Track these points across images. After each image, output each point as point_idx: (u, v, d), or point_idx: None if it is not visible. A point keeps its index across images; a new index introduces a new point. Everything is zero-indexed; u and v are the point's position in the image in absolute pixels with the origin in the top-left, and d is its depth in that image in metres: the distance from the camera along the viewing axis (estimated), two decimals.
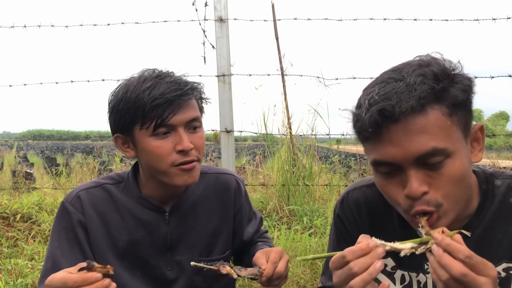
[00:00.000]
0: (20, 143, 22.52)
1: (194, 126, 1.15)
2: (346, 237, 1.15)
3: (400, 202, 0.89)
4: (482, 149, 0.93)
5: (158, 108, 1.07)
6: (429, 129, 0.82)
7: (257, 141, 4.95)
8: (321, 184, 3.86)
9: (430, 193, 0.85)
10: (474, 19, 3.21)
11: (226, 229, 1.32)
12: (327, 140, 4.20)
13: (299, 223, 3.26)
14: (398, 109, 0.80)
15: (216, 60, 3.00)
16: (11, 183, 5.49)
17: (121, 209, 1.21)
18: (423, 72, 0.83)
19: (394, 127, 0.83)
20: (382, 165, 0.88)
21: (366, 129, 0.84)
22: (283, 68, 3.59)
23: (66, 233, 1.18)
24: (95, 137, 16.87)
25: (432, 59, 0.87)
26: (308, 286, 2.48)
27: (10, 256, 2.81)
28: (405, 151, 0.83)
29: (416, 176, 0.85)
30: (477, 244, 0.98)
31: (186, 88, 1.11)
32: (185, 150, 1.10)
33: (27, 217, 3.32)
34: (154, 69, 1.17)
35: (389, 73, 0.88)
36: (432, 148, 0.82)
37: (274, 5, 3.50)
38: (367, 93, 0.87)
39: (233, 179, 1.36)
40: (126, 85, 1.13)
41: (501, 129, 50.66)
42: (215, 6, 2.98)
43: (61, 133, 65.94)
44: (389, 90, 0.83)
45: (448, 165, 0.84)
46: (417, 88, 0.81)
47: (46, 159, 11.73)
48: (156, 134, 1.10)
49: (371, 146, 0.89)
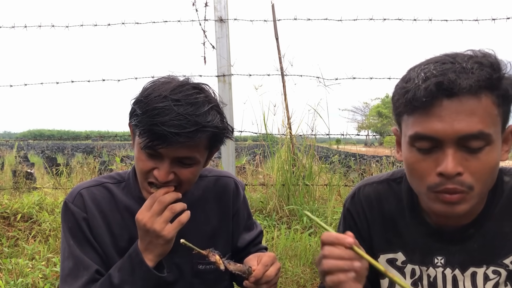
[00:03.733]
0: (21, 143, 22.52)
1: (184, 163, 1.10)
2: (355, 232, 1.15)
3: (429, 179, 0.89)
4: (509, 150, 0.95)
5: (152, 134, 1.03)
6: (479, 112, 0.84)
7: (257, 141, 4.96)
8: (321, 184, 3.87)
9: (464, 175, 0.86)
10: (474, 19, 3.22)
11: (225, 231, 1.32)
12: (327, 140, 4.21)
13: (299, 222, 3.27)
14: (457, 85, 0.82)
15: (216, 60, 3.01)
16: (11, 183, 5.50)
17: (122, 209, 1.21)
18: (480, 61, 0.85)
19: (447, 102, 0.84)
20: (422, 140, 0.88)
21: (419, 98, 0.84)
22: (283, 68, 3.60)
23: (73, 232, 1.18)
24: (95, 137, 16.90)
25: (487, 53, 0.89)
26: (308, 285, 2.48)
27: (10, 255, 2.82)
28: (452, 128, 0.84)
29: (454, 155, 0.85)
30: (485, 238, 1.00)
31: (191, 129, 1.02)
32: (159, 180, 1.09)
33: (27, 217, 3.32)
34: (191, 85, 1.09)
35: (441, 56, 0.89)
36: (479, 131, 0.84)
37: (274, 5, 3.51)
38: (420, 68, 0.87)
39: (232, 182, 1.35)
40: (154, 90, 1.07)
41: None
42: (215, 7, 2.98)
43: (62, 133, 65.98)
44: (447, 68, 0.84)
45: (486, 152, 0.86)
46: (475, 72, 0.83)
47: (47, 159, 11.74)
48: (145, 151, 1.09)
49: (416, 119, 0.88)
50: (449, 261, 1.03)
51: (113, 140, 24.73)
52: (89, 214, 1.18)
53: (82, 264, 1.15)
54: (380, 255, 1.12)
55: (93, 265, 1.15)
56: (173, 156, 1.07)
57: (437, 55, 0.91)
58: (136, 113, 1.07)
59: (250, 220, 1.42)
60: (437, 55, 0.92)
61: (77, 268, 1.15)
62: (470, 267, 1.01)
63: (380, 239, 1.12)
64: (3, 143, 16.23)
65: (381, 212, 1.12)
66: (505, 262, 0.99)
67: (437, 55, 0.92)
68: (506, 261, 0.99)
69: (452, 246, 1.02)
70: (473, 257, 1.01)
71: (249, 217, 1.41)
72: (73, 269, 1.15)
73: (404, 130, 0.93)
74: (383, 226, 1.12)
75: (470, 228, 1.00)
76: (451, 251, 1.02)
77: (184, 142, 1.03)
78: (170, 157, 1.07)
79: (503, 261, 0.99)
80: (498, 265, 0.99)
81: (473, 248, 1.00)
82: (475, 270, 1.01)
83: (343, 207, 1.21)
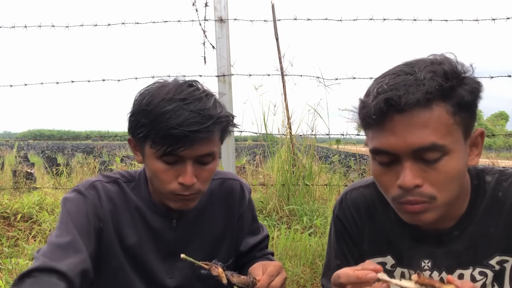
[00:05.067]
0: (21, 143, 22.52)
1: (205, 162, 1.09)
2: (346, 237, 1.16)
3: (392, 191, 0.91)
4: (479, 154, 0.94)
5: (171, 139, 1.00)
6: (431, 124, 0.83)
7: (257, 141, 4.96)
8: (321, 184, 3.87)
9: (424, 186, 0.87)
10: (474, 19, 3.21)
11: (230, 236, 1.29)
12: (327, 140, 4.21)
13: (299, 222, 3.27)
14: (404, 100, 0.82)
15: (216, 60, 3.01)
16: (11, 183, 5.50)
17: (132, 208, 1.19)
18: (434, 69, 0.85)
19: (398, 117, 0.84)
20: (380, 154, 0.90)
21: (370, 115, 0.86)
22: (283, 68, 3.59)
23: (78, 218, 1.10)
24: (95, 137, 16.89)
25: (445, 59, 0.89)
26: (308, 285, 2.48)
27: (10, 255, 2.82)
28: (404, 142, 0.84)
29: (411, 168, 0.86)
30: (470, 239, 1.00)
31: (209, 123, 1.02)
32: (186, 184, 1.06)
33: (27, 217, 3.32)
34: (191, 83, 1.08)
35: (401, 67, 0.89)
36: (431, 143, 0.84)
37: (274, 5, 3.50)
38: (377, 82, 0.88)
39: (238, 184, 1.31)
40: (153, 96, 1.05)
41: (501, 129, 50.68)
42: (215, 7, 2.98)
43: (62, 133, 65.97)
44: (399, 81, 0.84)
45: (444, 162, 0.86)
46: (426, 83, 0.83)
47: (47, 159, 11.73)
48: (163, 160, 1.06)
49: (373, 134, 0.90)
50: (436, 264, 1.03)
51: (113, 140, 24.72)
52: (102, 205, 1.15)
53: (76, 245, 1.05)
54: (370, 260, 1.12)
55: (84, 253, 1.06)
56: (195, 155, 1.05)
57: (399, 64, 0.91)
58: (142, 123, 1.04)
59: (255, 224, 1.38)
60: (402, 62, 0.92)
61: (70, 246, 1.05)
62: (456, 269, 1.01)
63: (369, 243, 1.12)
64: (3, 143, 16.23)
65: (369, 216, 1.12)
66: (491, 263, 0.99)
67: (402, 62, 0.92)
68: (492, 262, 0.98)
69: (438, 249, 1.02)
70: (459, 259, 1.01)
71: (254, 221, 1.38)
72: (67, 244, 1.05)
73: (368, 143, 0.94)
74: (371, 230, 1.12)
75: (455, 230, 1.00)
76: (437, 254, 1.02)
77: (204, 138, 1.03)
78: (192, 157, 1.05)
79: (489, 262, 0.99)
80: (484, 266, 0.99)
81: (459, 250, 1.00)
82: (461, 272, 1.00)
83: (332, 213, 1.21)
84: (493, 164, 4.88)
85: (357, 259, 1.15)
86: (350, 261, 1.16)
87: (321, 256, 2.67)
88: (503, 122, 61.33)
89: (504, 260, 0.98)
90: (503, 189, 0.99)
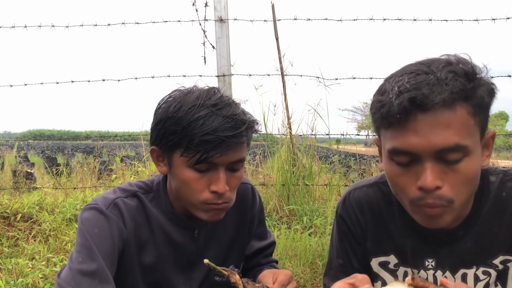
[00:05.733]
0: (21, 143, 22.52)
1: (236, 168, 1.07)
2: (349, 237, 1.16)
3: (410, 193, 0.89)
4: (489, 155, 0.95)
5: (206, 145, 0.98)
6: (455, 125, 0.83)
7: (257, 141, 4.95)
8: (321, 184, 3.87)
9: (443, 188, 0.86)
10: (474, 19, 3.22)
11: (241, 240, 1.28)
12: (327, 140, 4.21)
13: (299, 222, 3.27)
14: (430, 100, 0.81)
15: (216, 60, 3.01)
16: (11, 183, 5.50)
17: (152, 222, 1.13)
18: (454, 69, 0.84)
19: (422, 117, 0.83)
20: (400, 155, 0.88)
21: (393, 114, 0.84)
22: (283, 68, 3.59)
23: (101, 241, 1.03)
24: (95, 137, 16.89)
25: (461, 59, 0.88)
26: (308, 285, 2.48)
27: (10, 255, 2.82)
28: (428, 142, 0.83)
29: (432, 169, 0.85)
30: (474, 239, 1.00)
31: (242, 128, 1.01)
32: (219, 192, 1.03)
33: (27, 217, 3.32)
34: (214, 90, 1.06)
35: (417, 65, 0.88)
36: (455, 143, 0.83)
37: (274, 5, 3.50)
38: (394, 80, 0.86)
39: (249, 188, 1.29)
40: (180, 102, 1.02)
41: (501, 129, 50.73)
42: (215, 7, 2.98)
43: (62, 133, 65.93)
44: (421, 80, 0.83)
45: (465, 163, 0.85)
46: (449, 83, 0.82)
47: (47, 159, 11.73)
48: (196, 168, 1.02)
49: (392, 134, 0.88)
50: (440, 263, 1.03)
51: (113, 140, 24.72)
52: (126, 225, 1.09)
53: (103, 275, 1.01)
54: (373, 259, 1.12)
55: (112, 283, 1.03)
56: (228, 162, 1.03)
57: (412, 63, 0.90)
58: (172, 131, 1.01)
59: (263, 229, 1.36)
60: (414, 61, 0.90)
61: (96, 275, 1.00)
62: (460, 269, 1.01)
63: (372, 243, 1.12)
64: (3, 143, 16.22)
65: (372, 216, 1.12)
66: (494, 263, 0.99)
67: (414, 61, 0.90)
68: (495, 261, 0.99)
69: (442, 248, 1.02)
70: (463, 258, 1.01)
71: (261, 224, 1.35)
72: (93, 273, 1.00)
73: (383, 143, 0.93)
74: (375, 229, 1.11)
75: (459, 230, 1.00)
76: (441, 253, 1.02)
77: (238, 143, 1.02)
78: (225, 164, 1.03)
79: (493, 261, 0.99)
80: (487, 265, 0.99)
81: (463, 249, 1.00)
82: (465, 271, 1.01)
83: (335, 213, 1.20)
84: (493, 164, 4.88)
85: (359, 258, 1.15)
86: (353, 260, 1.16)
87: (321, 256, 2.67)
88: (503, 122, 61.33)
89: (507, 259, 0.98)
90: (507, 189, 0.99)
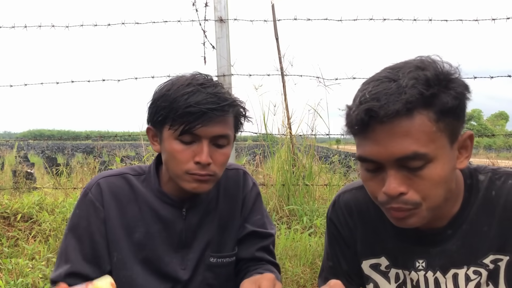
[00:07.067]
0: (21, 143, 22.52)
1: (220, 143, 1.14)
2: (339, 239, 1.16)
3: (378, 197, 0.92)
4: (468, 156, 0.94)
5: (189, 116, 1.07)
6: (413, 133, 0.83)
7: (257, 141, 4.95)
8: (321, 184, 3.87)
9: (409, 193, 0.87)
10: (474, 19, 3.22)
11: (236, 224, 1.30)
12: (327, 140, 4.21)
13: (299, 222, 3.27)
14: (384, 111, 0.81)
15: (216, 60, 3.01)
16: (11, 183, 5.50)
17: (140, 200, 1.21)
18: (417, 76, 0.83)
19: (379, 127, 0.84)
20: (366, 162, 0.90)
21: (353, 126, 0.87)
22: (283, 68, 3.59)
23: (79, 221, 1.19)
24: (95, 137, 16.92)
25: (431, 62, 0.87)
26: (308, 285, 2.48)
27: (10, 255, 2.82)
28: (387, 152, 0.85)
29: (395, 176, 0.86)
30: (464, 238, 1.00)
31: (224, 103, 1.10)
32: (202, 163, 1.10)
33: (27, 217, 3.32)
34: (206, 76, 1.17)
35: (386, 71, 0.88)
36: (413, 152, 0.83)
37: (274, 5, 3.50)
38: (361, 89, 0.88)
39: (241, 172, 1.35)
40: (172, 83, 1.14)
41: (501, 129, 50.67)
42: (215, 7, 2.98)
43: (62, 133, 65.99)
44: (380, 90, 0.83)
45: (428, 169, 0.85)
46: (407, 92, 0.81)
47: (47, 159, 11.74)
48: (181, 139, 1.11)
49: (358, 142, 0.91)
50: (430, 264, 1.03)
51: (113, 140, 24.71)
52: (105, 204, 1.19)
53: (68, 260, 1.18)
54: (363, 261, 1.12)
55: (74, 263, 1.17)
56: (211, 135, 1.10)
57: (386, 67, 0.91)
58: (162, 106, 1.11)
59: (260, 216, 1.34)
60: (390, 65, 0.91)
61: (64, 263, 1.18)
62: (451, 269, 1.01)
63: (362, 245, 1.12)
64: (3, 143, 16.24)
65: (362, 218, 1.12)
66: (485, 262, 0.98)
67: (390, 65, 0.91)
68: (486, 261, 0.98)
69: (432, 249, 1.02)
70: (453, 258, 1.00)
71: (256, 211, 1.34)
72: (62, 263, 1.19)
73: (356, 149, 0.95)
74: (364, 231, 1.12)
75: (448, 230, 1.00)
76: (431, 253, 1.02)
77: (220, 117, 1.10)
78: (208, 137, 1.10)
79: (483, 261, 0.98)
80: (478, 265, 0.99)
81: (453, 249, 1.00)
82: (456, 271, 1.00)
83: (326, 216, 1.21)
84: (493, 164, 4.88)
85: (349, 261, 1.16)
86: (342, 263, 1.17)
87: (321, 256, 2.67)
88: (503, 122, 61.32)
89: (498, 259, 0.98)
90: (496, 188, 0.98)
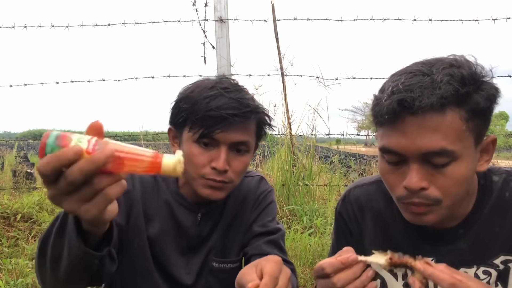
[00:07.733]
0: (21, 143, 22.52)
1: (239, 149, 1.12)
2: (347, 235, 1.16)
3: (397, 191, 0.91)
4: (489, 160, 0.94)
5: (209, 120, 1.05)
6: (443, 129, 0.83)
7: None
8: (321, 184, 3.87)
9: (430, 189, 0.87)
10: (474, 19, 3.22)
11: (242, 229, 1.27)
12: (327, 140, 4.21)
13: (299, 222, 3.27)
14: (418, 103, 0.81)
15: (216, 60, 3.01)
16: (11, 183, 5.50)
17: (160, 195, 1.21)
18: (452, 72, 0.83)
19: (410, 119, 0.83)
20: (389, 153, 0.89)
21: (382, 114, 0.85)
22: (283, 68, 3.60)
23: None
24: None
25: (465, 61, 0.87)
26: (308, 285, 2.48)
27: (10, 256, 2.82)
28: (414, 145, 0.84)
29: (418, 170, 0.86)
30: (475, 238, 1.00)
31: (245, 110, 1.07)
32: (218, 169, 1.08)
33: (27, 217, 3.32)
34: (232, 80, 1.16)
35: (419, 65, 0.88)
36: (441, 148, 0.83)
37: (274, 5, 3.50)
38: (393, 80, 0.87)
39: (257, 178, 1.32)
40: (196, 85, 1.13)
41: (501, 129, 50.69)
42: (215, 7, 2.98)
43: None
44: (414, 82, 0.83)
45: (452, 168, 0.85)
46: (442, 87, 0.81)
47: None
48: (199, 142, 1.09)
49: (384, 132, 0.90)
50: (440, 262, 1.02)
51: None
52: (135, 188, 1.17)
53: None
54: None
55: None
56: (230, 141, 1.08)
57: (418, 61, 0.90)
58: (184, 108, 1.09)
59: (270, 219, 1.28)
60: (420, 60, 0.90)
61: None
62: (460, 268, 1.00)
63: (371, 241, 1.12)
64: (3, 143, 16.22)
65: (372, 214, 1.12)
66: (495, 262, 0.98)
67: (420, 60, 0.90)
68: (496, 261, 0.98)
69: (442, 247, 1.02)
70: (464, 257, 1.00)
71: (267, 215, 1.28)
72: None
73: (378, 140, 0.94)
74: (373, 227, 1.11)
75: (460, 229, 1.00)
76: (441, 252, 1.02)
77: (240, 123, 1.07)
78: (226, 143, 1.08)
79: (493, 261, 0.98)
80: (488, 265, 0.99)
81: (463, 248, 1.00)
82: (465, 270, 1.00)
83: (335, 210, 1.21)
84: (493, 164, 4.88)
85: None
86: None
87: (321, 256, 2.67)
88: (503, 122, 61.34)
89: (508, 260, 0.98)
90: (510, 189, 0.99)
